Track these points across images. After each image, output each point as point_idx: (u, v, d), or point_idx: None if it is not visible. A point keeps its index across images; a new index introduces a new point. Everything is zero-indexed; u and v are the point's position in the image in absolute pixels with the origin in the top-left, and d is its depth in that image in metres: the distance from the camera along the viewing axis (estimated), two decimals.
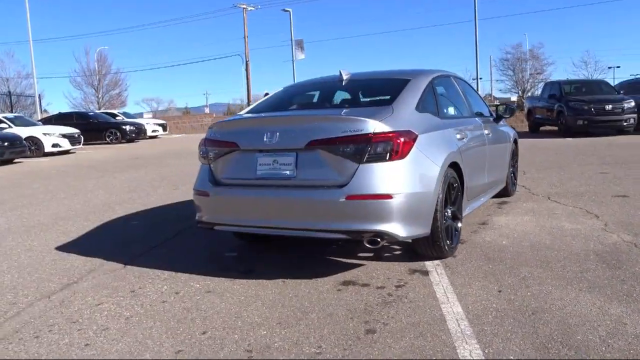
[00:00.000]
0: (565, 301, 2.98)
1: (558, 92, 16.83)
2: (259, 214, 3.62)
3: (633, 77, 24.41)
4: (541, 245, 4.12)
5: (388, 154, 3.30)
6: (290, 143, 3.49)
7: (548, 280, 3.33)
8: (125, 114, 29.52)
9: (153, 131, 27.49)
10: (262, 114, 4.10)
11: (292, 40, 39.49)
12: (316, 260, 4.05)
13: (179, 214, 6.02)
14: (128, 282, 3.72)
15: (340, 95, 4.61)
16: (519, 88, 51.19)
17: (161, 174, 10.36)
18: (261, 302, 3.21)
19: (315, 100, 4.67)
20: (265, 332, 2.77)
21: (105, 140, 23.16)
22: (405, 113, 3.65)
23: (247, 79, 39.91)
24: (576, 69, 55.27)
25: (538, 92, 28.91)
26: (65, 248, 4.74)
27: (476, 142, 4.66)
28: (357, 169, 3.30)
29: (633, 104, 15.15)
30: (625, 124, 15.16)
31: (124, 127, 23.70)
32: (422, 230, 3.47)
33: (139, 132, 24.51)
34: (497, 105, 6.22)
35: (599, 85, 17.96)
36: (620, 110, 15.12)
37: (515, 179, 6.52)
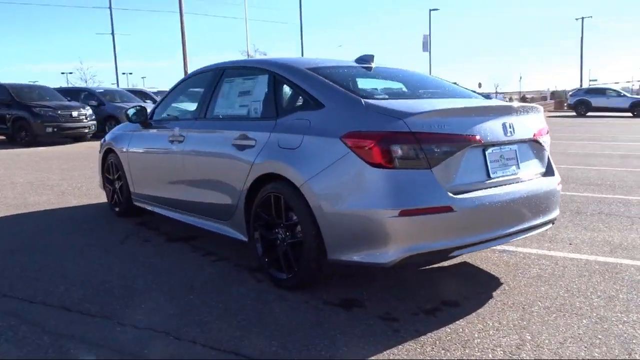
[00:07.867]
0: None
1: (8, 97, 14.66)
2: (497, 223, 3.04)
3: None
4: None
5: None
6: (520, 135, 3.26)
7: None
8: None
9: None
10: (485, 100, 3.77)
11: None
12: (426, 273, 3.61)
13: None
14: None
15: (437, 84, 4.13)
16: None
17: None
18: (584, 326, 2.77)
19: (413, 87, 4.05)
20: None
21: None
22: None
23: None
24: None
25: None
26: None
27: None
28: (548, 159, 3.55)
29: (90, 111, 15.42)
30: (87, 130, 15.16)
31: None
32: None
33: None
34: None
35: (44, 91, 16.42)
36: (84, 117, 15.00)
37: None
